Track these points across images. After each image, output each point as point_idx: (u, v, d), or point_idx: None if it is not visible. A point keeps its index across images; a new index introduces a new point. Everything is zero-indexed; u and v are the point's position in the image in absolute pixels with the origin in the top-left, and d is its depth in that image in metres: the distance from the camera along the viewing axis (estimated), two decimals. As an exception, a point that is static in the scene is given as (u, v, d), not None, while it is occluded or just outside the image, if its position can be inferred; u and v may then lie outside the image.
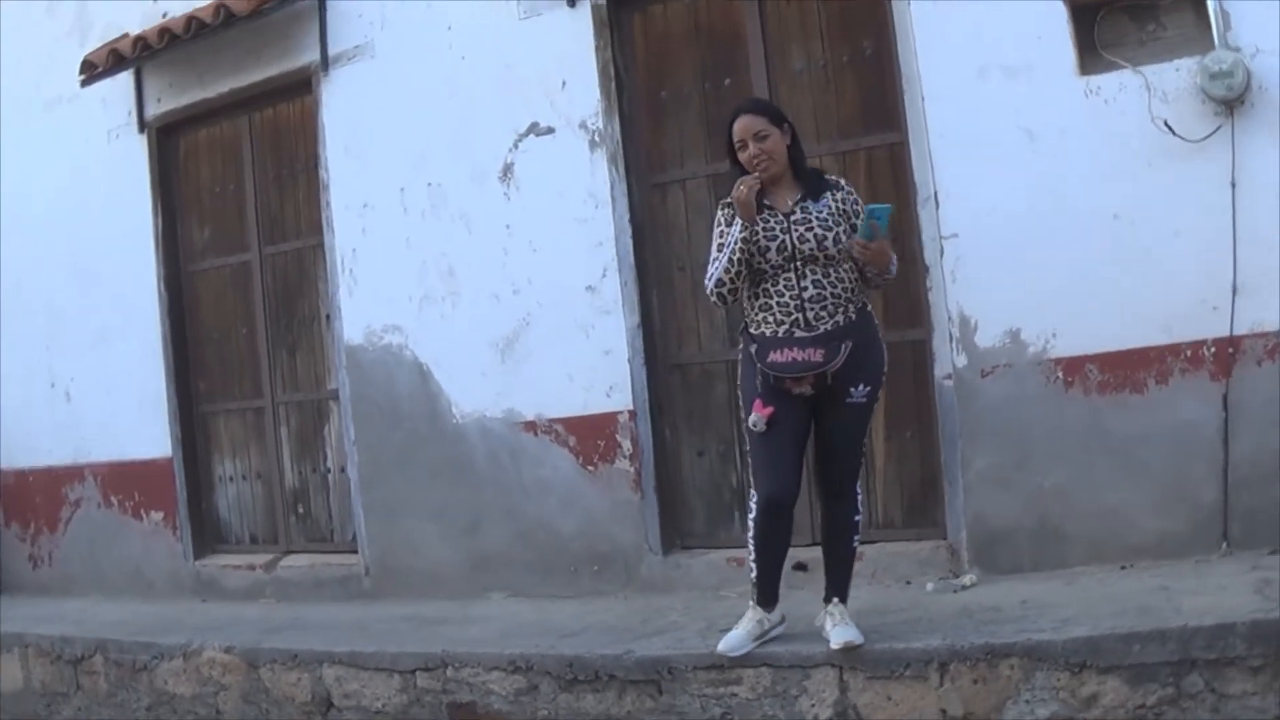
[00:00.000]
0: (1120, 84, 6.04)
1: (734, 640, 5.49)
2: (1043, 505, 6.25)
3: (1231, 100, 5.79)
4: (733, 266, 5.32)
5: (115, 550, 9.27)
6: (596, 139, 7.22)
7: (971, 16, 6.30)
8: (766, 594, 5.57)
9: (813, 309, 5.26)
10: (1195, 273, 5.93)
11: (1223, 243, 5.85)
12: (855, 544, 5.55)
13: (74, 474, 9.48)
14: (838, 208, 5.40)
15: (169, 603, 8.57)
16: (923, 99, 6.42)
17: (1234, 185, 5.83)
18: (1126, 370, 6.08)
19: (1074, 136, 6.13)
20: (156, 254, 8.94)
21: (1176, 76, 5.94)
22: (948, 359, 6.42)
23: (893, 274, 5.52)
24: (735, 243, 5.29)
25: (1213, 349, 5.93)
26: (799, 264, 5.29)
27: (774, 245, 5.29)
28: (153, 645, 7.32)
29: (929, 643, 5.26)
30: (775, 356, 5.28)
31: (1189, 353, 5.97)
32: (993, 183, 6.28)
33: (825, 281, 5.29)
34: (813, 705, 5.37)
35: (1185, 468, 5.99)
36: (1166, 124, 5.91)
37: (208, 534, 8.99)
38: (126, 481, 9.20)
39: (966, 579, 6.26)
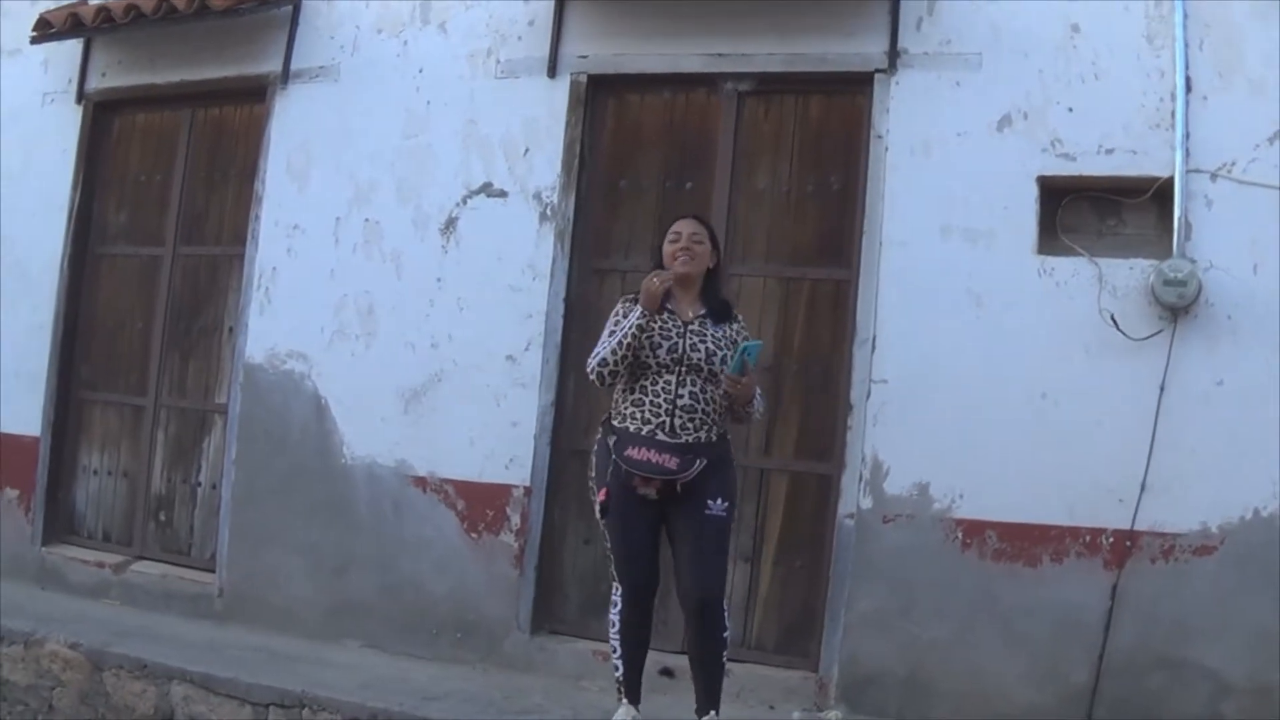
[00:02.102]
0: (1074, 270, 6.28)
1: None
2: (918, 656, 6.37)
3: (1179, 308, 6.03)
4: (620, 350, 5.45)
5: (-39, 519, 8.92)
6: (548, 213, 7.24)
7: (946, 175, 6.52)
8: (634, 690, 5.59)
9: (681, 418, 5.39)
10: (1109, 463, 6.15)
11: (1141, 440, 6.09)
12: (725, 658, 5.55)
13: (-67, 434, 9.10)
14: (732, 337, 5.57)
15: (8, 584, 8.19)
16: (881, 244, 6.57)
17: (1163, 389, 6.08)
18: (1025, 543, 6.26)
19: (1020, 311, 6.34)
20: (67, 229, 8.68)
21: (1130, 274, 6.19)
22: (853, 498, 6.54)
23: (757, 412, 5.64)
24: (631, 328, 5.43)
25: (1111, 539, 6.14)
26: (683, 370, 5.43)
27: (666, 344, 5.44)
28: (-6, 626, 7.06)
29: (800, 769, 5.33)
30: (632, 453, 5.39)
31: (1088, 538, 6.17)
32: (932, 338, 6.46)
33: (701, 395, 5.43)
34: (684, 814, 5.38)
35: (1063, 646, 6.18)
36: (1113, 318, 6.14)
37: (60, 522, 8.70)
38: (-12, 452, 8.88)
39: (832, 714, 6.34)
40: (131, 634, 7.12)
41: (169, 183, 8.61)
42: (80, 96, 8.74)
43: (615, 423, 5.53)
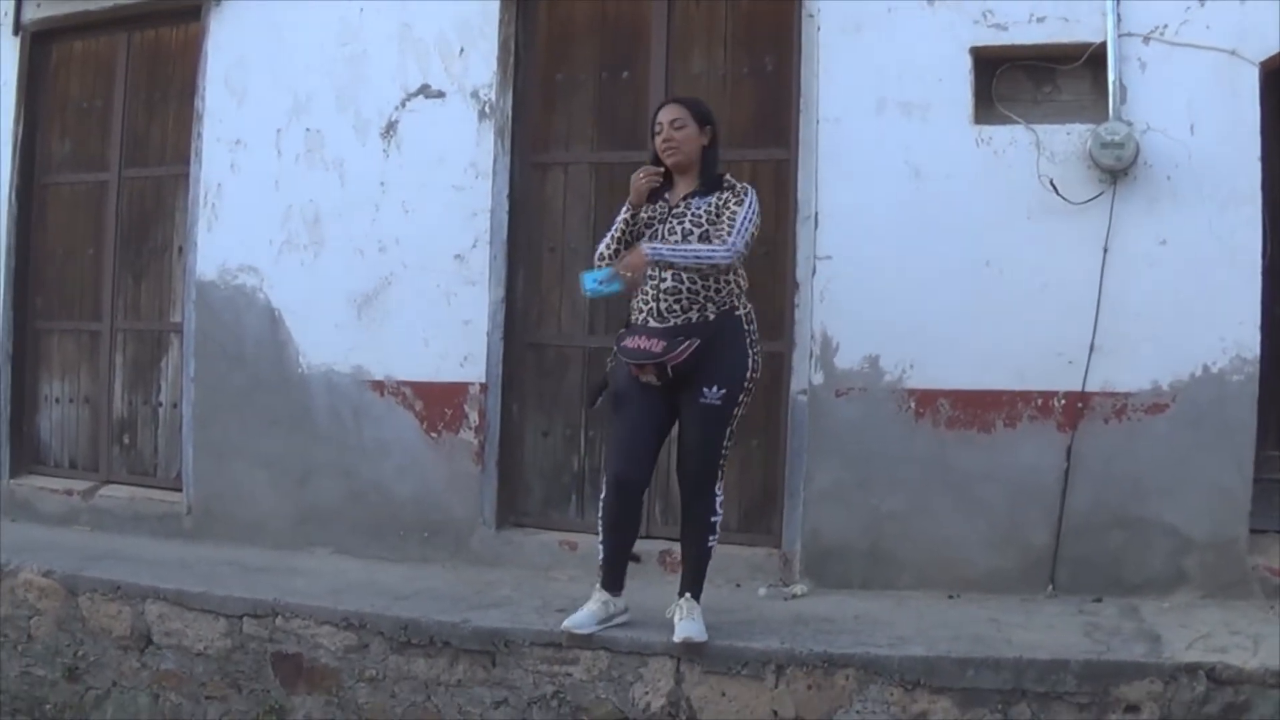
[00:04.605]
0: (1012, 138, 6.29)
1: (580, 618, 5.55)
2: (878, 527, 6.45)
3: (1117, 170, 6.06)
4: (613, 243, 5.57)
5: (-74, 457, 8.90)
6: (487, 110, 7.20)
7: (878, 50, 6.47)
8: (611, 577, 5.66)
9: (665, 301, 5.43)
10: (1056, 327, 6.20)
11: (1087, 303, 6.14)
12: (711, 543, 5.62)
13: (-110, 374, 9.03)
14: (716, 205, 5.52)
15: (-23, 519, 8.28)
16: (818, 121, 6.56)
17: (1106, 250, 6.12)
18: (977, 409, 6.31)
19: (959, 181, 6.35)
20: (12, 162, 8.58)
21: (1067, 140, 6.21)
22: (805, 375, 6.58)
23: (685, 259, 5.38)
24: (619, 222, 5.54)
25: (1063, 401, 6.20)
26: None
27: (649, 232, 5.50)
28: (-34, 560, 7.08)
29: (767, 644, 5.40)
30: (628, 343, 5.47)
31: (1040, 401, 6.23)
32: (873, 212, 6.45)
33: (685, 276, 5.41)
34: (646, 693, 5.45)
35: (1021, 510, 6.26)
36: (1052, 183, 6.16)
37: (26, 454, 8.70)
38: (-54, 388, 8.83)
39: (798, 588, 6.41)
40: (103, 557, 7.15)
41: (110, 108, 8.54)
42: (17, 28, 8.61)
43: (630, 316, 5.61)
